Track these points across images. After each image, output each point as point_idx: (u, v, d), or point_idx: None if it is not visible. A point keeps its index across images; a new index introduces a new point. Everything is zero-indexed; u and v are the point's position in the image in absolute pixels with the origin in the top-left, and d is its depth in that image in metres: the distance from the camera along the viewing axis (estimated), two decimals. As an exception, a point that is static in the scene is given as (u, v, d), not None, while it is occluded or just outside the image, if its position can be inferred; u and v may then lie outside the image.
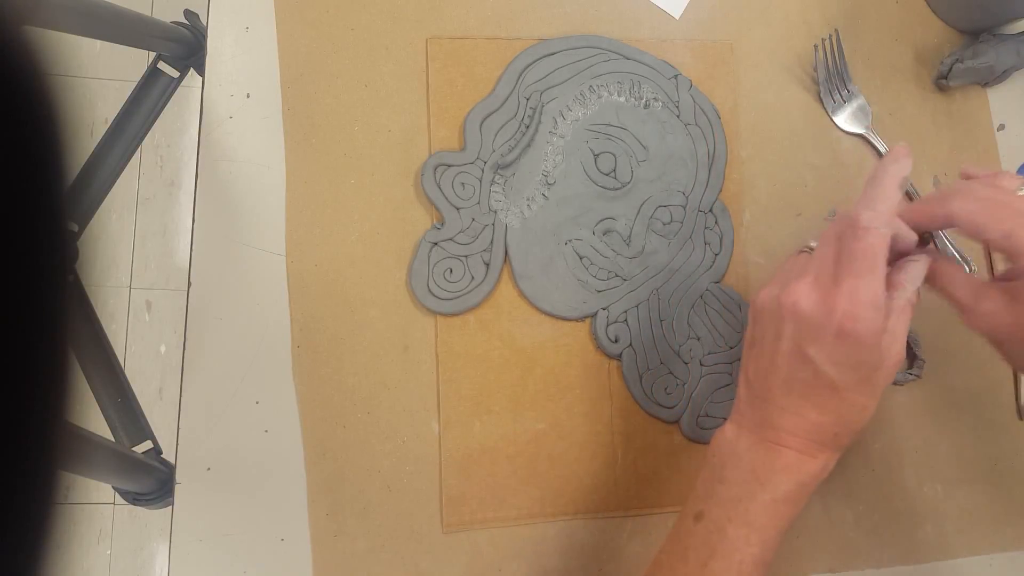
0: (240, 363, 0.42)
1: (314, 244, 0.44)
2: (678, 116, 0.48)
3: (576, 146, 0.47)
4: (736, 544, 0.34)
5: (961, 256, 0.51)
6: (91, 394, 0.82)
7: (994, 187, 0.34)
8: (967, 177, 0.37)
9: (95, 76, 1.17)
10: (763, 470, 0.35)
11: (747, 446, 0.36)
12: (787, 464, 0.35)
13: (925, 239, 0.37)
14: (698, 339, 0.46)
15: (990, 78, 0.52)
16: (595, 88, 0.47)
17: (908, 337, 0.35)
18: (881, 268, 0.33)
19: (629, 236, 0.46)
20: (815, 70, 0.51)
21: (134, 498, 0.79)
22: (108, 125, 0.86)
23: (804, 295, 0.33)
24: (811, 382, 0.34)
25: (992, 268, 0.52)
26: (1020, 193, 0.34)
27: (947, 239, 0.51)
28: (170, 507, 0.41)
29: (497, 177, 0.45)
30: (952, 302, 0.36)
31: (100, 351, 0.83)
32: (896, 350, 0.33)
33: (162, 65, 0.87)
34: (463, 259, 0.44)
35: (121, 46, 0.79)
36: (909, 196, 0.51)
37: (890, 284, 0.34)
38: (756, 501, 0.34)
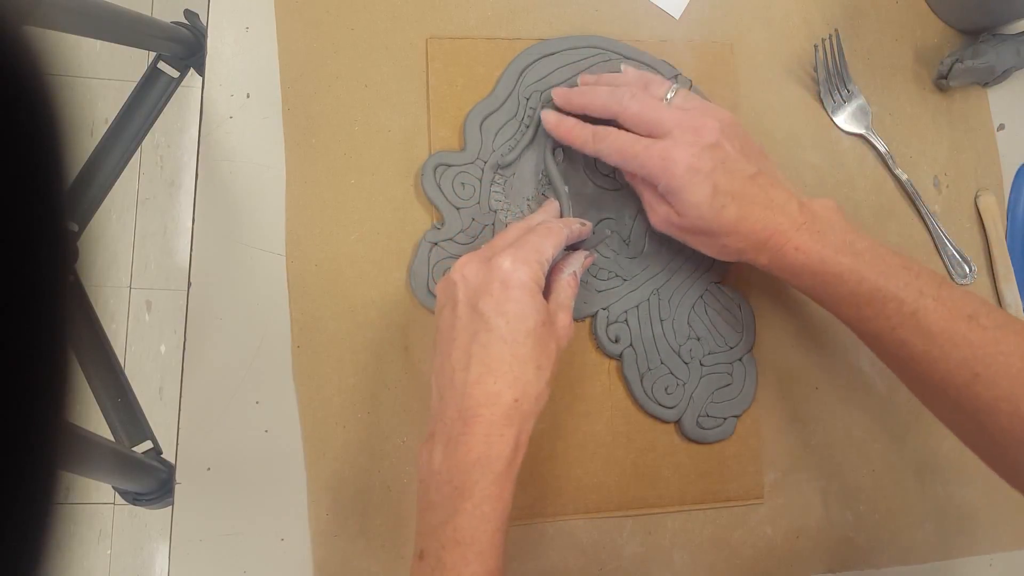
0: (240, 363, 0.42)
1: (314, 244, 0.44)
2: (678, 116, 0.48)
3: (576, 146, 0.47)
4: (455, 570, 0.33)
5: (961, 256, 0.51)
6: (91, 394, 0.82)
7: (643, 106, 0.41)
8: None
9: (95, 76, 1.17)
10: (459, 475, 0.34)
11: (441, 457, 0.35)
12: (478, 456, 0.34)
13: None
14: (698, 339, 0.46)
15: (990, 78, 0.52)
16: (595, 88, 0.47)
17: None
18: (543, 250, 0.38)
19: (629, 236, 0.46)
20: (815, 70, 0.51)
21: (134, 498, 0.79)
22: (108, 125, 0.86)
23: (468, 264, 0.38)
24: (485, 343, 0.35)
25: (993, 268, 0.52)
26: (668, 97, 0.41)
27: (948, 240, 0.51)
28: (170, 507, 0.41)
29: (497, 177, 0.45)
30: (644, 202, 0.44)
31: (100, 351, 0.83)
32: (562, 316, 0.39)
33: (162, 65, 0.87)
34: (463, 259, 0.44)
35: (121, 46, 0.80)
36: (909, 196, 0.51)
37: (556, 269, 0.41)
38: (462, 515, 0.34)
